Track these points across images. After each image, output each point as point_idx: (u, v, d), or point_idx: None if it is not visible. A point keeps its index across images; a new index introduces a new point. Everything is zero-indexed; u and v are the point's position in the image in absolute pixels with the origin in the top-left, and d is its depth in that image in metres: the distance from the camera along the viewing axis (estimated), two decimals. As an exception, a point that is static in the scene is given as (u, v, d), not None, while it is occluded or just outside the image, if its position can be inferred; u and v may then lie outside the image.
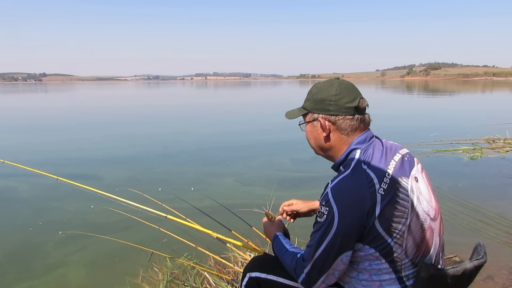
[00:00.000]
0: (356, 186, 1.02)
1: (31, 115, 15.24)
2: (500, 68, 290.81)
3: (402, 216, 1.02)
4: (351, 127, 1.13)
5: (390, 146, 1.15)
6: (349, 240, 1.02)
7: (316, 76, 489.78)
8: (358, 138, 1.13)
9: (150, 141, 8.18)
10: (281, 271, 1.24)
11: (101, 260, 2.79)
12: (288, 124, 7.77)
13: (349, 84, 1.17)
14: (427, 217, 1.07)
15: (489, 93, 31.62)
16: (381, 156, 1.09)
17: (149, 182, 4.80)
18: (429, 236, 1.07)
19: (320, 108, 1.16)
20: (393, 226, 1.01)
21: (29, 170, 3.12)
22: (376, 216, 1.00)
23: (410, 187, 1.06)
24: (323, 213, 1.04)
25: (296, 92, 39.18)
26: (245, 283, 1.31)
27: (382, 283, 1.06)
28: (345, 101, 1.12)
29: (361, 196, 1.00)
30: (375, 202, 1.00)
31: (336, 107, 1.13)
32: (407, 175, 1.08)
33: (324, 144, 1.19)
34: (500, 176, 4.79)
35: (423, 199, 1.08)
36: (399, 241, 1.02)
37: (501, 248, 2.78)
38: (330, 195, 1.03)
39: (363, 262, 1.06)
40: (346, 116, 1.13)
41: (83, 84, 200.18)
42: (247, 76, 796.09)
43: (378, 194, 1.00)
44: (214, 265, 2.54)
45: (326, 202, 1.03)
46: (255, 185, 4.68)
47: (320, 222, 1.05)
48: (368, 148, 1.11)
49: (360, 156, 1.09)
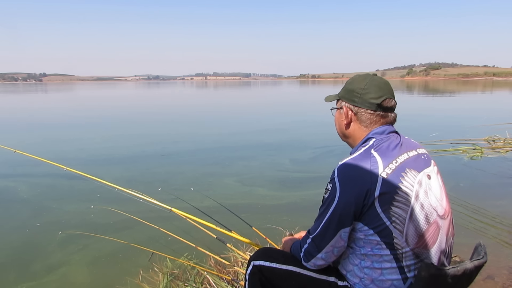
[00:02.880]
0: (358, 166, 1.08)
1: (30, 114, 15.25)
2: (500, 68, 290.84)
3: (404, 202, 1.05)
4: (369, 120, 1.20)
5: (408, 142, 1.19)
6: (348, 215, 1.07)
7: (316, 76, 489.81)
8: (377, 128, 1.19)
9: (149, 141, 8.17)
10: (284, 260, 1.27)
11: (101, 260, 2.79)
12: (288, 124, 7.80)
13: (381, 83, 1.21)
14: (434, 211, 1.09)
15: (489, 93, 31.62)
16: (394, 147, 1.14)
17: (148, 183, 4.80)
18: (434, 231, 1.09)
19: (347, 98, 1.24)
20: (392, 209, 1.05)
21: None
22: (375, 196, 1.04)
23: (419, 180, 1.09)
24: (328, 189, 1.12)
25: (296, 92, 39.13)
26: (249, 271, 1.33)
27: (383, 272, 1.08)
28: (370, 96, 1.19)
29: (362, 175, 1.06)
30: (375, 183, 1.04)
31: (361, 100, 1.20)
32: (418, 169, 1.11)
33: (345, 131, 1.28)
34: (500, 176, 4.79)
35: (431, 195, 1.10)
36: (399, 226, 1.05)
37: (501, 248, 2.78)
38: (335, 173, 1.10)
39: (364, 247, 1.10)
40: (368, 110, 1.20)
41: (83, 84, 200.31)
42: (247, 76, 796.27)
43: (380, 176, 1.05)
44: (214, 265, 2.54)
45: (331, 180, 1.11)
46: (255, 185, 4.67)
47: (324, 198, 1.13)
48: (384, 139, 1.16)
49: (373, 143, 1.14)
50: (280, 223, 3.39)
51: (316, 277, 1.22)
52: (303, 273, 1.23)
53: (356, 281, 1.15)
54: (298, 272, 1.23)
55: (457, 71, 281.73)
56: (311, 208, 3.75)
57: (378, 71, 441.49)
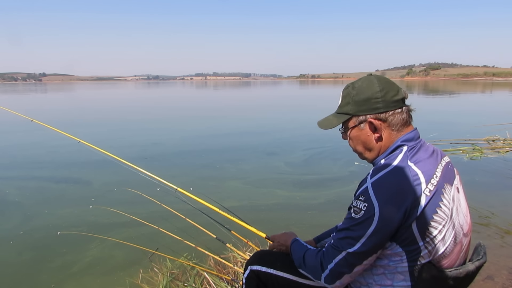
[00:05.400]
0: (399, 183, 0.96)
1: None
2: (500, 68, 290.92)
3: (440, 222, 0.98)
4: (402, 120, 1.08)
5: (436, 151, 1.11)
6: (386, 239, 0.98)
7: (316, 76, 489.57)
8: (406, 135, 1.07)
9: (149, 140, 8.17)
10: (281, 266, 1.25)
11: (101, 261, 2.79)
12: (287, 125, 7.75)
13: (386, 78, 1.13)
14: (461, 231, 1.04)
15: (489, 94, 31.64)
16: (429, 157, 1.04)
17: (147, 182, 4.78)
18: (457, 251, 1.04)
19: (367, 109, 1.09)
20: (428, 229, 0.97)
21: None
22: (415, 217, 0.95)
23: (452, 195, 1.03)
24: (361, 208, 0.98)
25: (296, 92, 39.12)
26: (246, 276, 1.32)
27: (393, 284, 1.04)
28: (391, 94, 1.08)
29: (404, 193, 0.95)
30: (418, 203, 0.95)
31: (385, 103, 1.07)
32: (451, 183, 1.05)
33: (375, 146, 1.11)
34: (500, 176, 4.79)
35: (460, 212, 1.05)
36: (430, 247, 0.98)
37: (501, 248, 2.78)
38: (371, 191, 0.97)
39: (383, 259, 1.02)
40: (396, 110, 1.08)
41: (83, 84, 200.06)
42: (247, 76, 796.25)
43: (424, 194, 0.95)
44: (214, 265, 2.54)
45: (365, 198, 0.97)
46: (256, 185, 4.67)
47: (355, 217, 0.99)
48: (415, 146, 1.06)
49: (407, 153, 1.03)
50: (280, 223, 3.39)
51: (314, 285, 1.20)
52: (300, 281, 1.21)
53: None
54: (295, 281, 1.22)
55: (456, 71, 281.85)
56: (311, 208, 3.76)
57: (377, 71, 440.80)
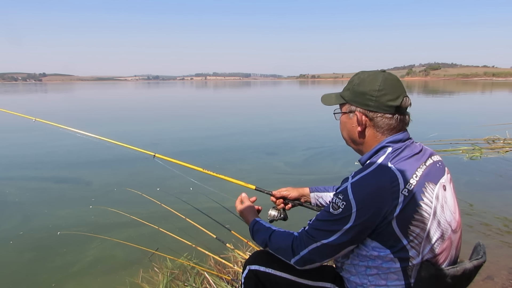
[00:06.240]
0: (377, 186, 0.98)
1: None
2: (500, 68, 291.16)
3: (422, 221, 0.99)
4: (388, 126, 1.08)
5: (424, 150, 1.11)
6: (360, 237, 1.01)
7: (316, 76, 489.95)
8: (393, 136, 1.08)
9: (149, 140, 8.17)
10: (279, 265, 1.25)
11: (101, 260, 2.79)
12: (287, 125, 7.72)
13: (394, 80, 1.09)
14: (449, 227, 1.05)
15: (489, 94, 31.65)
16: (411, 157, 1.05)
17: (147, 182, 4.79)
18: (447, 247, 1.06)
19: (359, 101, 1.10)
20: (410, 228, 0.98)
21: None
22: (394, 216, 0.96)
23: (436, 194, 1.03)
24: (339, 206, 1.00)
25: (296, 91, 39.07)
26: (245, 275, 1.32)
27: (388, 283, 1.05)
28: (387, 98, 1.06)
29: (382, 195, 0.97)
30: (397, 203, 0.96)
31: (376, 104, 1.06)
32: (435, 181, 1.04)
33: (357, 138, 1.14)
34: (500, 176, 4.79)
35: (447, 209, 1.05)
36: (416, 246, 1.00)
37: (501, 248, 2.79)
38: (349, 191, 0.99)
39: (375, 260, 1.04)
40: (385, 114, 1.07)
41: (83, 84, 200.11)
42: (247, 76, 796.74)
43: (401, 195, 0.97)
44: (214, 265, 2.54)
45: (343, 197, 1.00)
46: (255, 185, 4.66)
47: (333, 213, 1.02)
48: (401, 148, 1.06)
49: (389, 155, 1.04)
50: (280, 223, 3.38)
51: (311, 285, 1.21)
52: (298, 281, 1.22)
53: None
54: (294, 280, 1.22)
55: (456, 71, 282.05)
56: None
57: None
